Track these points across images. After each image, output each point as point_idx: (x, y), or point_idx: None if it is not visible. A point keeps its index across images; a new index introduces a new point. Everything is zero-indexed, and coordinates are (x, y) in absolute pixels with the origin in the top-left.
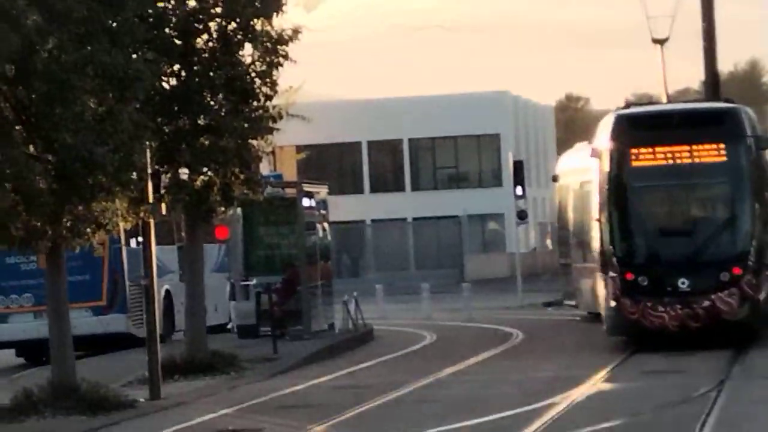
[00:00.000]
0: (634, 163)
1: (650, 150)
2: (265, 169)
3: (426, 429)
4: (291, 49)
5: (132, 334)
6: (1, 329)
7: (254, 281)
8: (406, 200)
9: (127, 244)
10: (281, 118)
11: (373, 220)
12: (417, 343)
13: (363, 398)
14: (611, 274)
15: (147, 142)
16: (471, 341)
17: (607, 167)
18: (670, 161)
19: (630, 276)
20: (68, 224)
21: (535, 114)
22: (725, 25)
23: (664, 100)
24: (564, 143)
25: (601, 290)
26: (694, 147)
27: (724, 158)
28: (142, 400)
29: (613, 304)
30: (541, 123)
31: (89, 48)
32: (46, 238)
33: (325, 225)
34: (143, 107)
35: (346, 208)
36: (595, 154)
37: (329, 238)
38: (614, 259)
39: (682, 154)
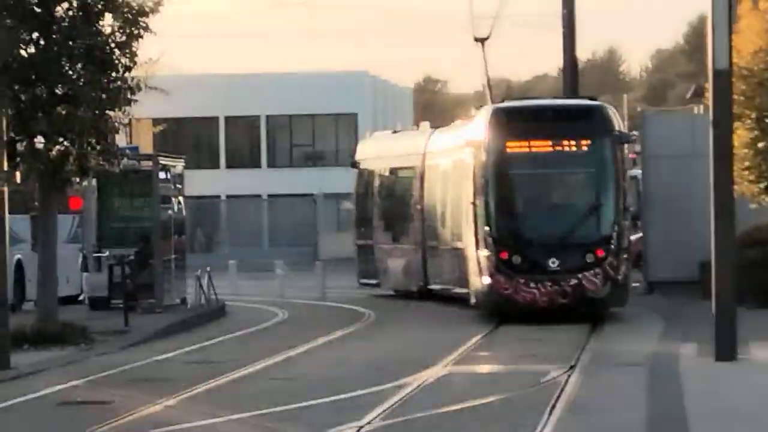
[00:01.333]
0: (510, 153)
1: (526, 142)
2: (121, 141)
3: (279, 406)
4: (152, 20)
5: None
6: None
7: (107, 253)
8: (262, 177)
9: None
10: (140, 90)
11: (228, 196)
12: (269, 320)
13: (214, 373)
14: (486, 252)
15: (3, 110)
16: (323, 320)
17: (484, 156)
18: (543, 152)
19: (504, 255)
20: None
21: (393, 95)
22: (585, 13)
23: (488, 97)
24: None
25: (473, 268)
26: (565, 140)
27: (592, 151)
28: None
29: (487, 280)
30: (399, 104)
31: None
32: None
33: (180, 199)
34: (0, 74)
35: (201, 183)
36: (471, 143)
37: (184, 212)
38: (490, 239)
39: (555, 147)
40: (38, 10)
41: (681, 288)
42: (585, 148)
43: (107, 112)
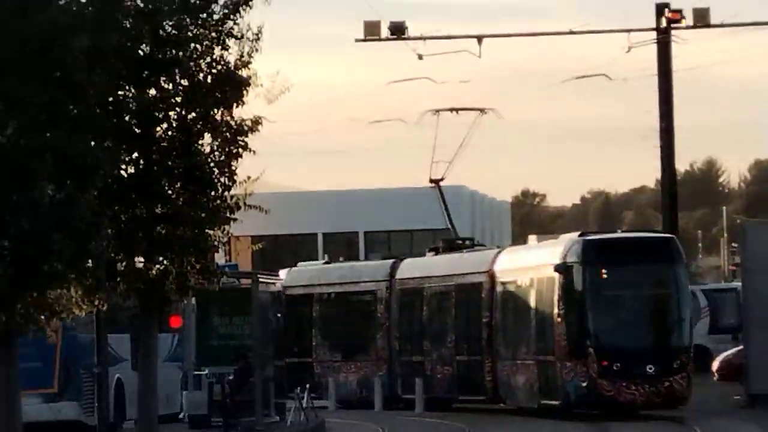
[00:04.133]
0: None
1: (613, 267)
2: (220, 259)
3: None
4: (250, 139)
5: (83, 423)
6: None
7: (207, 371)
8: None
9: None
10: (239, 208)
11: None
12: None
13: None
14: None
15: (104, 230)
16: None
17: (580, 281)
18: (628, 277)
19: (605, 363)
20: (22, 311)
21: (491, 209)
22: (683, 124)
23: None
24: (519, 238)
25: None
26: (648, 266)
27: (671, 276)
28: None
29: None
30: (497, 218)
31: (49, 134)
32: None
33: (278, 315)
34: (101, 194)
35: None
36: (562, 268)
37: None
38: (591, 349)
39: (640, 273)
40: (138, 130)
41: None
42: (666, 275)
43: (207, 230)
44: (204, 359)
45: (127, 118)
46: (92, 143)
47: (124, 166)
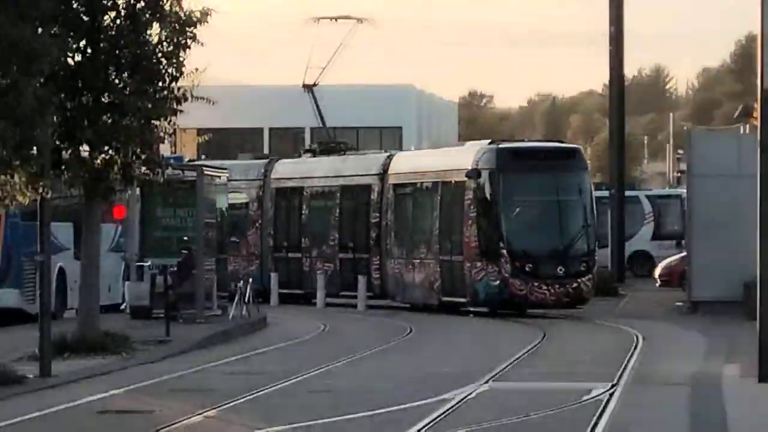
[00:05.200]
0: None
1: (525, 174)
2: (166, 150)
3: (319, 419)
4: (199, 30)
5: (24, 310)
6: None
7: (149, 263)
8: None
9: (23, 219)
10: (186, 99)
11: None
12: (311, 332)
13: (254, 385)
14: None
15: (49, 118)
16: (364, 333)
17: (493, 187)
18: (540, 183)
19: (518, 263)
20: None
21: (438, 109)
22: (632, 31)
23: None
24: (466, 140)
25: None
26: (558, 174)
27: (578, 184)
28: (31, 376)
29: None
30: (444, 118)
31: None
32: None
33: (223, 209)
34: (47, 82)
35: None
36: (474, 174)
37: (225, 223)
38: (504, 251)
39: (546, 178)
40: (85, 18)
41: (725, 308)
42: (574, 181)
43: (153, 121)
44: (147, 250)
45: (74, 6)
46: (39, 30)
47: (70, 54)
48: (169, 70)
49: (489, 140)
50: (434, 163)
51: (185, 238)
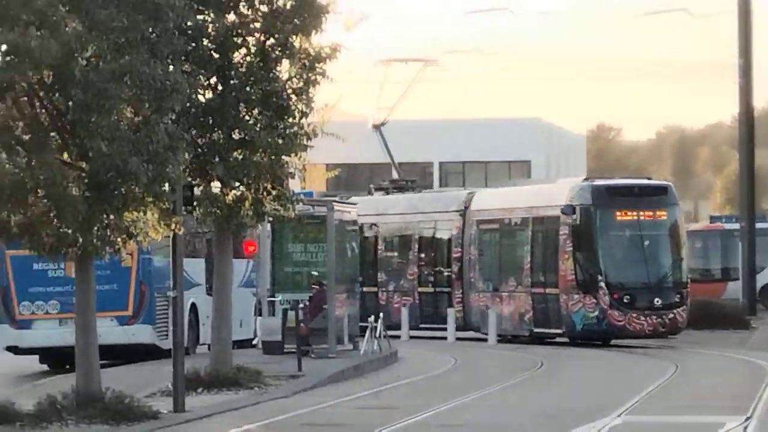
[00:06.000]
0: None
1: (622, 210)
2: (295, 186)
3: None
4: (328, 66)
5: (157, 346)
6: (26, 335)
7: (280, 297)
8: None
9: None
10: (316, 135)
11: None
12: (441, 366)
13: (387, 419)
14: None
15: (181, 154)
16: (494, 366)
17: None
18: (635, 219)
19: (616, 295)
20: (99, 233)
21: (567, 142)
22: (762, 61)
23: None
24: (594, 172)
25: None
26: (651, 209)
27: (671, 219)
28: (165, 412)
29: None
30: (573, 151)
31: (128, 57)
32: (76, 245)
33: (354, 244)
34: (179, 119)
35: None
36: (569, 210)
37: (358, 257)
38: (602, 284)
39: (641, 214)
40: (216, 55)
41: None
42: (665, 217)
43: (283, 157)
44: (278, 286)
45: (205, 43)
46: (171, 67)
47: (201, 91)
48: (299, 106)
49: (584, 177)
50: (523, 200)
51: (314, 273)
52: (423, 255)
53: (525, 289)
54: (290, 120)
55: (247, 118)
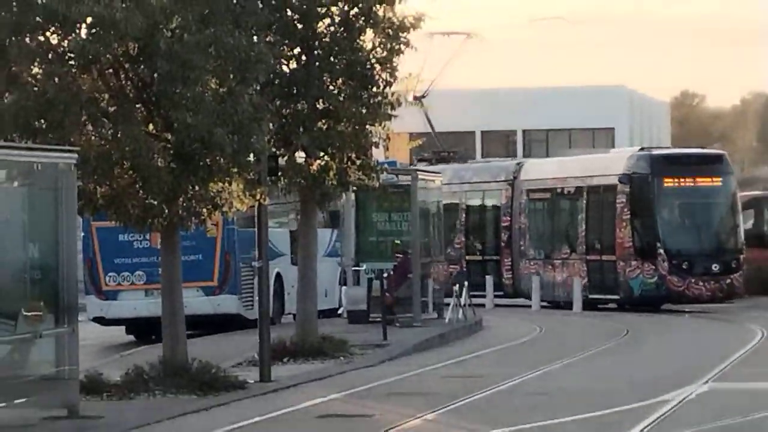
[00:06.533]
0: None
1: (679, 178)
2: (379, 155)
3: (536, 421)
4: (412, 36)
5: (242, 316)
6: (112, 306)
7: (365, 267)
8: None
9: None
10: (400, 105)
11: None
12: (527, 334)
13: (472, 388)
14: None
15: (266, 125)
16: (579, 334)
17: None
18: (691, 187)
19: (674, 261)
20: (184, 204)
21: (650, 109)
22: None
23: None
24: (678, 140)
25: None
26: (707, 178)
27: (726, 187)
28: (251, 381)
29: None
30: (656, 119)
31: (212, 29)
32: (161, 216)
33: (438, 213)
34: (263, 90)
35: None
36: (626, 179)
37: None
38: (661, 250)
39: (698, 182)
40: (300, 26)
41: None
42: (720, 184)
43: (367, 127)
44: (362, 255)
45: (289, 14)
46: (255, 38)
47: (285, 62)
48: (383, 76)
49: (639, 147)
50: (576, 169)
51: (397, 242)
52: (471, 224)
53: (579, 256)
54: (374, 89)
55: (331, 88)
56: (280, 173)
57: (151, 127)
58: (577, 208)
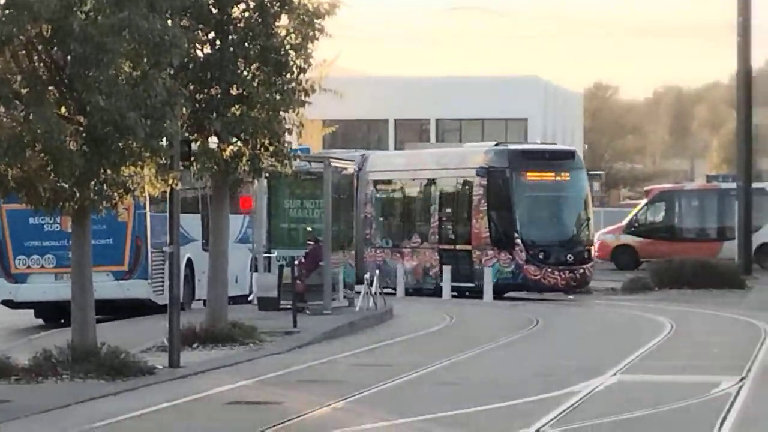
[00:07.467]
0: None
1: (535, 172)
2: (292, 142)
3: (445, 411)
4: (327, 22)
5: (152, 301)
6: (21, 289)
7: (276, 254)
8: None
9: (151, 210)
10: (314, 91)
11: None
12: (437, 324)
13: (382, 376)
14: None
15: (179, 109)
16: (490, 324)
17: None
18: (546, 180)
19: (531, 252)
20: (96, 187)
21: (564, 100)
22: (762, 20)
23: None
24: (591, 131)
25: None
26: (560, 172)
27: (579, 182)
28: (160, 367)
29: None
30: (570, 110)
31: (126, 12)
32: (73, 200)
33: (351, 200)
34: (177, 74)
35: None
36: (484, 172)
37: (355, 213)
38: (519, 241)
39: (553, 177)
40: (215, 11)
41: None
42: (573, 179)
43: (281, 113)
44: (274, 242)
45: None
46: (169, 22)
47: (200, 46)
48: (297, 62)
49: (495, 142)
50: (431, 162)
51: (309, 229)
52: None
53: (431, 245)
54: (288, 76)
55: (245, 73)
56: (192, 158)
57: (63, 109)
58: (430, 199)
